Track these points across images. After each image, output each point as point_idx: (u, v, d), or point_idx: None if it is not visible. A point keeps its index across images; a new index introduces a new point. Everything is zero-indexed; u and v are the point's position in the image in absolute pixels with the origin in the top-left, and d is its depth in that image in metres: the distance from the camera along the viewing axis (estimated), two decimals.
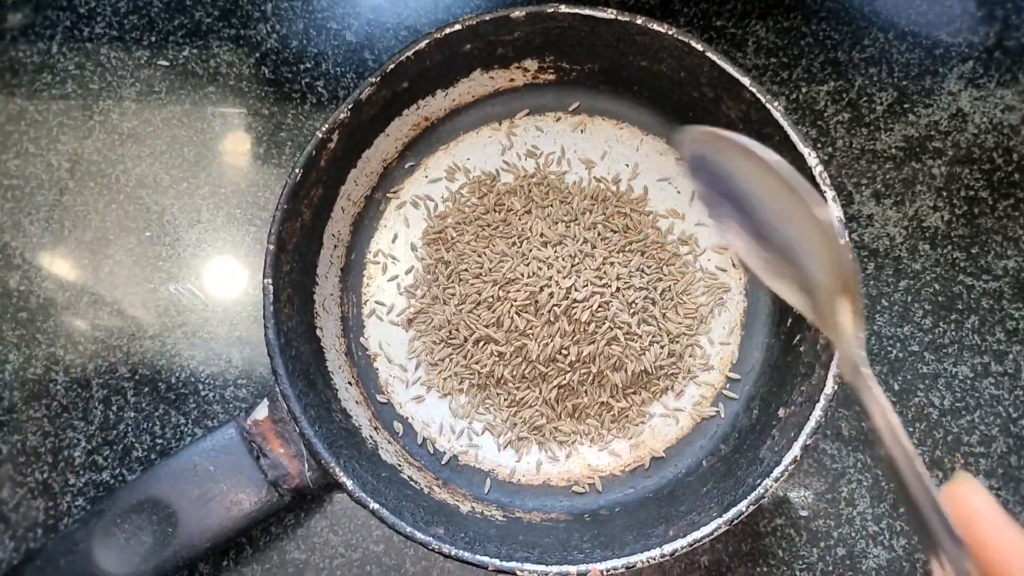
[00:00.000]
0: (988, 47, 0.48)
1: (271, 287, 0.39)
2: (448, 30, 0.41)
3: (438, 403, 0.43)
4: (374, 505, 0.36)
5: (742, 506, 0.36)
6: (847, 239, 0.30)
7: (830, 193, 0.38)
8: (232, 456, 0.38)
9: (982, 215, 0.46)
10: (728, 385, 0.42)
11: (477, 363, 0.42)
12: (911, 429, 0.43)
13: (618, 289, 0.41)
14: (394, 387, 0.43)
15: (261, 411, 0.39)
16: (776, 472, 0.36)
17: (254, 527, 0.38)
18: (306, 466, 0.38)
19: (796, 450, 0.36)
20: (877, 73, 0.47)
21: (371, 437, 0.41)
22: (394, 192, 0.45)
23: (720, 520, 0.36)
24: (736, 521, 0.36)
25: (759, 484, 0.36)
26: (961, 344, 0.44)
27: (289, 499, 0.38)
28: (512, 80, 0.46)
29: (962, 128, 0.47)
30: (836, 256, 0.29)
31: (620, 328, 0.41)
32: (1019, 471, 0.42)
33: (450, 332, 0.42)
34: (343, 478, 0.37)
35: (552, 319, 0.41)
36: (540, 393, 0.41)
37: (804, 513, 0.42)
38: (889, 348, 0.44)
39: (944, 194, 0.46)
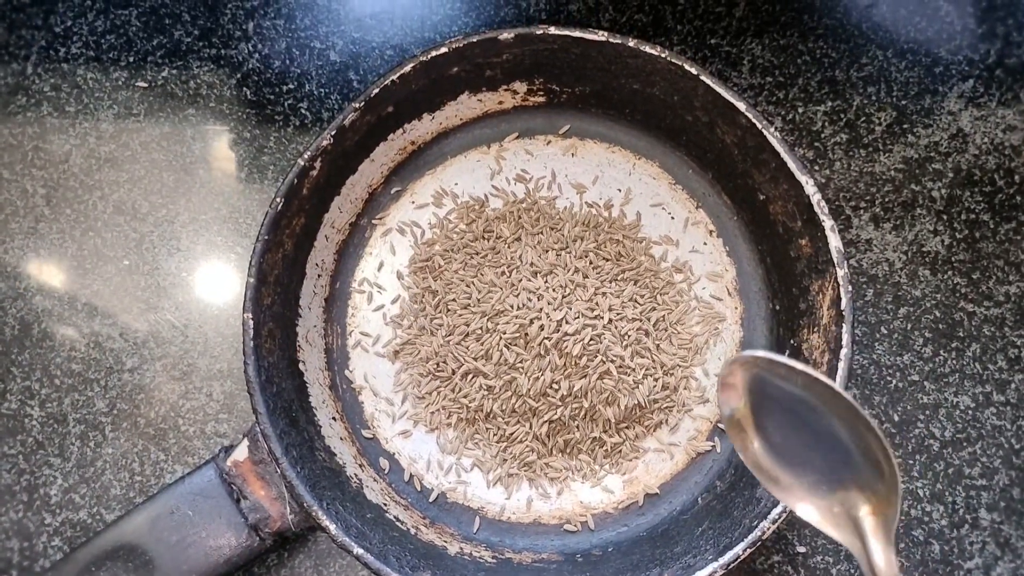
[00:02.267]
0: (989, 65, 0.46)
1: (251, 322, 0.37)
2: (434, 53, 0.40)
3: (425, 438, 0.41)
4: (358, 550, 0.35)
5: (738, 549, 0.35)
6: (897, 469, 0.29)
7: (829, 222, 0.37)
8: (211, 499, 0.37)
9: (983, 239, 0.45)
10: None
11: (465, 397, 0.41)
12: (911, 461, 0.42)
13: (610, 320, 0.40)
14: (380, 421, 0.42)
15: (241, 452, 0.37)
16: (773, 514, 0.35)
17: (235, 572, 0.37)
18: (288, 508, 0.37)
19: None
20: (876, 92, 0.46)
21: (356, 475, 0.40)
22: (380, 218, 0.44)
23: (716, 564, 0.35)
24: (732, 565, 0.35)
25: (756, 526, 0.35)
26: (962, 373, 0.43)
27: (271, 543, 0.37)
28: (501, 103, 0.44)
29: (963, 149, 0.46)
30: (886, 476, 0.29)
31: (612, 361, 0.39)
32: (1022, 504, 0.41)
33: (437, 364, 0.41)
34: (326, 522, 0.35)
35: (543, 352, 0.40)
36: (530, 428, 0.40)
37: (802, 549, 0.41)
38: (888, 377, 0.43)
39: (944, 217, 0.45)
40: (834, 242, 0.37)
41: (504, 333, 0.40)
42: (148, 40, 0.48)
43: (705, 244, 0.43)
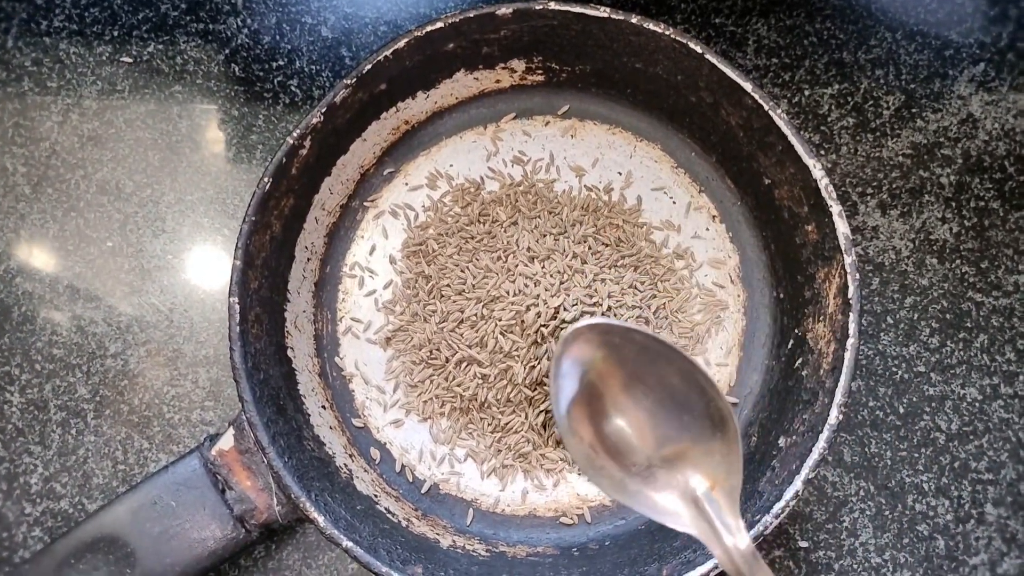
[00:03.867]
0: (1000, 48, 0.45)
1: (237, 306, 0.36)
2: (429, 28, 0.38)
3: (418, 428, 0.40)
4: (347, 543, 0.34)
5: None
6: (738, 429, 0.30)
7: (836, 208, 0.36)
8: (195, 490, 0.35)
9: (993, 227, 0.43)
10: None
11: (459, 385, 0.39)
12: (916, 455, 0.41)
13: (609, 308, 0.39)
14: (371, 410, 0.41)
15: (226, 440, 0.36)
16: (776, 508, 0.34)
17: (220, 564, 0.36)
18: (275, 500, 0.36)
19: (798, 484, 0.34)
20: (884, 75, 0.45)
21: (345, 466, 0.38)
22: (372, 200, 0.43)
23: (716, 559, 0.33)
24: None
25: (758, 521, 0.34)
26: (969, 364, 0.42)
27: (257, 535, 0.36)
28: (498, 81, 0.43)
29: (972, 134, 0.44)
30: (727, 438, 0.29)
31: None
32: None
33: (431, 352, 0.40)
34: (314, 513, 0.34)
35: (539, 340, 0.38)
36: (526, 418, 0.39)
37: (804, 544, 0.40)
38: (894, 368, 0.42)
39: (953, 205, 0.44)
40: (842, 228, 0.36)
41: (499, 320, 0.39)
42: (133, 14, 0.46)
43: (708, 230, 0.42)
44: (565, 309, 0.38)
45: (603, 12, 0.38)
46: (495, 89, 0.43)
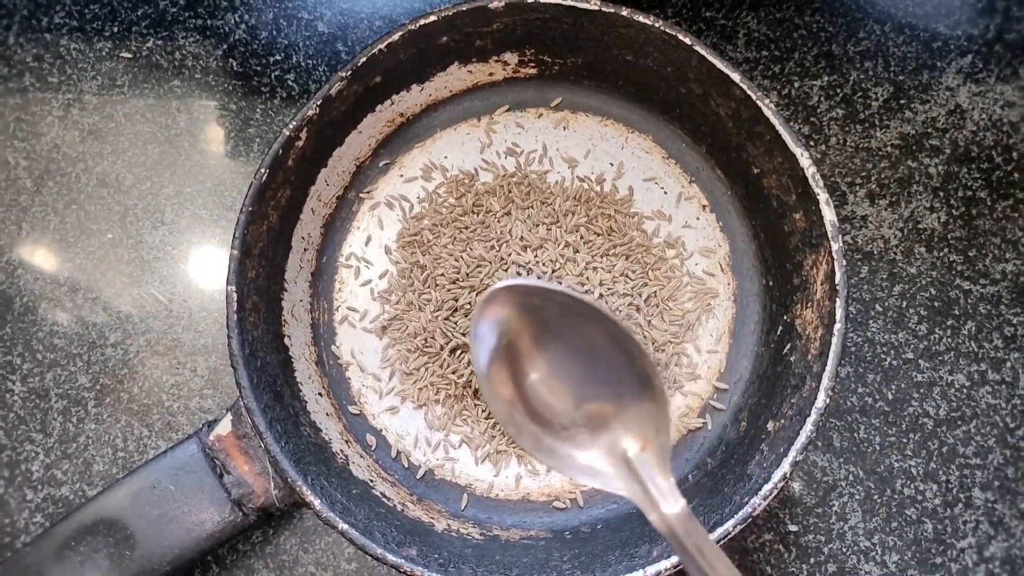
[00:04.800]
0: (988, 40, 0.46)
1: (235, 295, 0.37)
2: (423, 21, 0.39)
3: (413, 414, 0.41)
4: (343, 526, 0.34)
5: (728, 526, 0.34)
6: (665, 387, 0.30)
7: (823, 195, 0.37)
8: (193, 474, 0.36)
9: (980, 216, 0.44)
10: (715, 395, 0.40)
11: (454, 373, 0.40)
12: (904, 440, 0.41)
13: (601, 296, 0.40)
14: (367, 397, 0.41)
15: (224, 426, 0.37)
16: (765, 490, 0.34)
17: (218, 548, 0.36)
18: (272, 484, 0.36)
19: (786, 467, 0.34)
20: (873, 67, 0.46)
21: (342, 451, 0.39)
22: (367, 192, 0.43)
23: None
24: (722, 542, 0.34)
25: (747, 502, 0.34)
26: (957, 351, 0.42)
27: (254, 519, 0.36)
28: (491, 74, 0.43)
29: (960, 125, 0.45)
30: (654, 396, 0.29)
31: None
32: (1016, 483, 0.41)
33: (426, 340, 0.41)
34: (310, 497, 0.35)
35: None
36: None
37: (793, 528, 0.41)
38: (883, 356, 0.42)
39: (941, 194, 0.44)
40: (828, 215, 0.36)
41: None
42: (133, 10, 0.47)
43: (698, 219, 0.42)
44: None
45: (594, 5, 0.39)
46: (488, 82, 0.44)
